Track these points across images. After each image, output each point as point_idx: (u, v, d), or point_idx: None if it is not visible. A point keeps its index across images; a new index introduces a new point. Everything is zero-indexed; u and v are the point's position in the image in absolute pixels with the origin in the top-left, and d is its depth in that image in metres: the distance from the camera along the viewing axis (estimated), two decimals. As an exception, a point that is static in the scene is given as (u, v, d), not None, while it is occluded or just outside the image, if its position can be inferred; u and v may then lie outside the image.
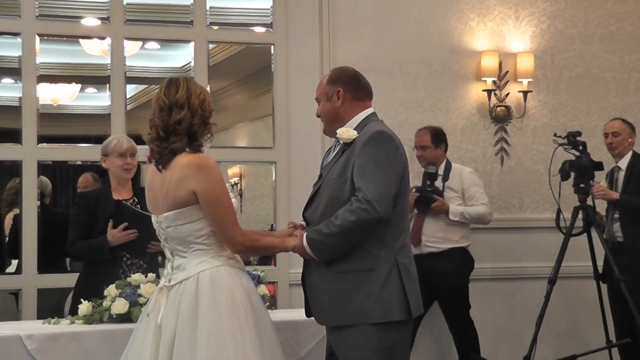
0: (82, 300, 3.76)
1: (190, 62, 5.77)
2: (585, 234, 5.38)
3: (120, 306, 3.64)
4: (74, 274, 4.70)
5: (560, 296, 5.85)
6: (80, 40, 6.08)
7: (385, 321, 3.17)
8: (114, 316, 3.65)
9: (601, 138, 5.74)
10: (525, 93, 6.14)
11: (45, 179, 5.72)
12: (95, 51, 6.11)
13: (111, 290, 3.74)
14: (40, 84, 5.46)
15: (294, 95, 5.72)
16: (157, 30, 5.74)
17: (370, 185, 3.13)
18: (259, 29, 5.87)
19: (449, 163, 5.57)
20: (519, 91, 6.15)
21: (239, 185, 7.61)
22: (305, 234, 3.22)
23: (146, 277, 3.78)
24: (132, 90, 6.77)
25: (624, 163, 5.51)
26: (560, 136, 5.39)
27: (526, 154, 6.21)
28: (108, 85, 5.53)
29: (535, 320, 5.24)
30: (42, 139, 5.39)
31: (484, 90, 6.08)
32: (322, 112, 3.42)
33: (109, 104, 5.51)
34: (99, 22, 5.58)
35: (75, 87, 7.15)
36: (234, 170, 7.54)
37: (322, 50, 5.77)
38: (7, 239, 5.63)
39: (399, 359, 3.23)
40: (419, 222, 5.42)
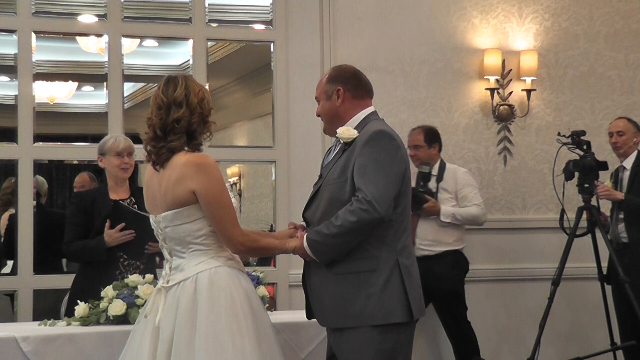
0: (79, 301, 3.76)
1: (189, 60, 5.76)
2: (589, 235, 5.38)
3: (118, 307, 3.63)
4: (70, 275, 4.69)
5: (564, 298, 5.86)
6: (77, 38, 6.05)
7: (387, 323, 3.15)
8: (111, 318, 3.65)
9: (606, 137, 5.75)
10: (528, 92, 6.12)
11: (41, 179, 5.71)
12: (93, 49, 6.09)
13: (108, 291, 3.74)
14: (37, 82, 5.45)
15: (294, 93, 5.71)
16: (155, 28, 5.73)
17: (371, 185, 3.11)
18: (259, 27, 5.85)
19: (443, 163, 5.53)
20: (522, 90, 6.13)
21: (238, 184, 7.61)
22: (305, 235, 3.21)
23: (144, 278, 3.78)
24: (130, 88, 6.84)
25: (629, 163, 5.49)
26: (564, 135, 5.37)
27: (529, 153, 6.19)
28: (105, 83, 5.52)
29: (538, 322, 5.22)
30: (39, 137, 5.38)
31: (486, 88, 6.07)
32: (322, 111, 3.41)
33: (106, 102, 5.50)
34: (96, 19, 5.57)
35: (72, 85, 7.15)
36: (233, 170, 7.54)
37: (323, 48, 5.76)
38: (3, 239, 5.63)
39: (400, 361, 3.22)
40: (413, 224, 5.37)
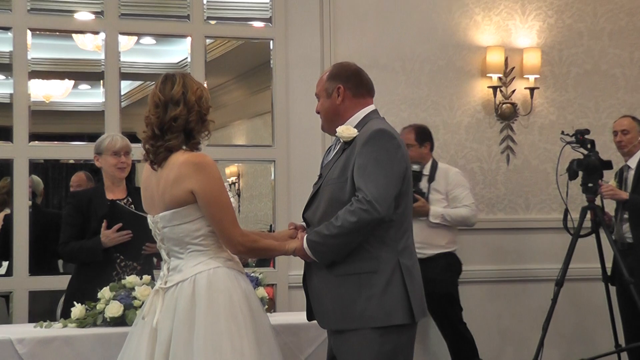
0: (75, 303, 3.75)
1: (186, 58, 5.74)
2: (593, 235, 5.36)
3: (115, 309, 3.62)
4: (66, 276, 4.69)
5: (567, 299, 5.85)
6: (74, 35, 6.07)
7: (387, 325, 3.12)
8: (108, 319, 3.64)
9: (610, 136, 5.74)
10: (531, 90, 6.11)
11: (37, 178, 5.71)
12: (89, 46, 6.13)
13: (105, 292, 3.75)
14: (32, 80, 5.45)
15: (294, 91, 5.70)
16: (153, 25, 5.72)
17: (371, 185, 3.09)
18: (258, 24, 5.85)
19: (435, 163, 5.48)
20: (525, 88, 6.12)
21: (237, 184, 7.63)
22: (305, 236, 3.19)
23: (141, 279, 3.77)
24: (127, 86, 6.90)
25: (633, 162, 5.48)
26: (567, 134, 5.36)
27: (533, 152, 6.18)
28: (102, 81, 5.52)
29: (542, 323, 5.22)
30: (34, 136, 5.37)
31: (489, 86, 6.06)
32: (322, 109, 3.38)
33: (103, 100, 5.50)
34: (92, 17, 5.56)
35: (68, 84, 7.19)
36: (232, 169, 7.59)
37: (323, 46, 5.75)
38: (-2, 239, 5.62)
39: (401, 363, 3.21)
40: None
